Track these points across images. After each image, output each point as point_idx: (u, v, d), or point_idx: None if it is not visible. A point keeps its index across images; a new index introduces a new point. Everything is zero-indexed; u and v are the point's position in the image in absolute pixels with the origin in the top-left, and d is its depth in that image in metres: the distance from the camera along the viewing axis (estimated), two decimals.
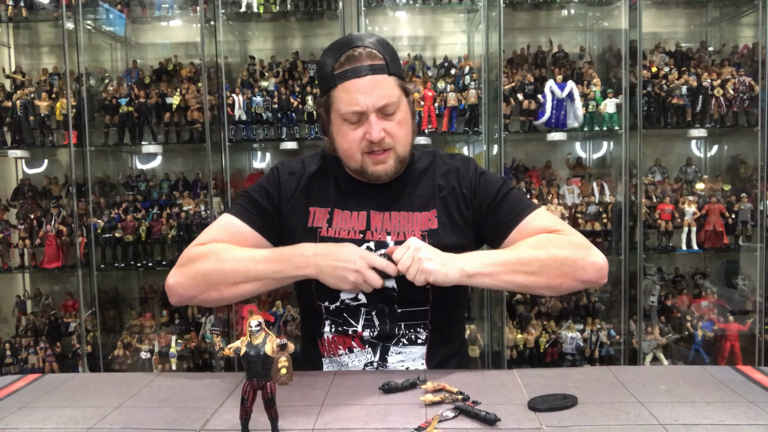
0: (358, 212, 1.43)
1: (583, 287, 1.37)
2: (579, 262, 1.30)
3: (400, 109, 1.36)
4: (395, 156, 1.38)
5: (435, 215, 1.42)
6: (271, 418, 0.98)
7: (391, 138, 1.35)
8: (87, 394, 1.23)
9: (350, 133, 1.35)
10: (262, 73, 3.15)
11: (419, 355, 1.41)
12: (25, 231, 3.05)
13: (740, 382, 1.21)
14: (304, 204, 1.45)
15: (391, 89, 1.33)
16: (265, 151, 3.47)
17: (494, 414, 1.03)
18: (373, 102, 1.31)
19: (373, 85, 1.31)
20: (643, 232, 2.93)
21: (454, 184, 1.45)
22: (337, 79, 1.33)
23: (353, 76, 1.31)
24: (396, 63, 1.37)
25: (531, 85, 3.01)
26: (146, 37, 3.47)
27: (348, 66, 1.31)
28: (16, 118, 3.02)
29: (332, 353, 1.42)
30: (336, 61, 1.33)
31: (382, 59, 1.33)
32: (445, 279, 1.24)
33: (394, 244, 1.38)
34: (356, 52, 1.32)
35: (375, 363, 1.40)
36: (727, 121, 3.00)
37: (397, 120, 1.35)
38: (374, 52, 1.32)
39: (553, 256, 1.29)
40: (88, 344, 3.05)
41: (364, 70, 1.31)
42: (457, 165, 1.49)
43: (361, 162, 1.38)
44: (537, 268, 1.28)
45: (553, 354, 3.00)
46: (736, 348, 2.92)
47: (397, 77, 1.35)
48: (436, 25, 3.45)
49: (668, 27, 3.34)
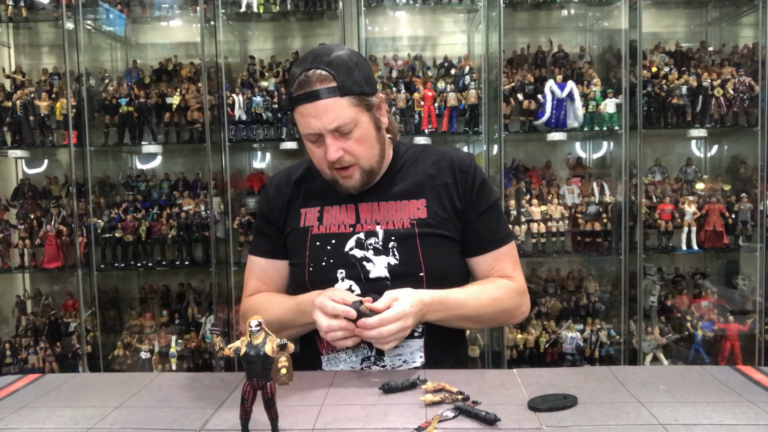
0: (346, 206, 1.47)
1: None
2: (515, 311, 1.49)
3: (358, 126, 1.36)
4: (360, 170, 1.41)
5: (424, 204, 1.44)
6: (271, 418, 0.98)
7: (350, 155, 1.38)
8: (87, 394, 1.23)
9: (315, 150, 1.41)
10: (262, 73, 3.15)
11: (417, 348, 1.41)
12: (25, 231, 3.05)
13: (740, 382, 1.21)
14: (294, 207, 1.51)
15: (342, 111, 1.33)
16: (265, 151, 3.47)
17: (494, 414, 1.03)
18: (324, 125, 1.34)
19: (324, 109, 1.33)
20: (643, 232, 2.93)
21: (447, 174, 1.47)
22: (294, 102, 1.37)
23: (306, 100, 1.33)
24: (353, 80, 1.34)
25: (531, 85, 3.01)
26: (146, 37, 3.47)
27: (301, 91, 1.34)
28: (16, 118, 3.02)
29: (330, 350, 1.43)
30: (293, 84, 1.36)
31: (333, 81, 1.32)
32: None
33: (383, 233, 1.41)
34: (306, 77, 1.33)
35: (372, 358, 1.40)
36: (727, 121, 3.00)
37: (355, 138, 1.37)
38: (324, 74, 1.32)
39: (499, 309, 1.44)
40: (88, 344, 3.05)
41: (314, 95, 1.32)
42: (451, 155, 1.50)
43: (331, 176, 1.43)
44: (483, 319, 1.45)
45: (553, 354, 3.00)
46: (736, 348, 2.92)
47: (352, 96, 1.34)
48: (436, 25, 3.45)
49: (668, 27, 3.34)
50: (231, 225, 3.04)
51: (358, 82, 1.35)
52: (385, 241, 1.41)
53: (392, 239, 1.40)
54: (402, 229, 1.41)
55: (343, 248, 1.42)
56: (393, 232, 1.41)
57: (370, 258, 1.40)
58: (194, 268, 3.14)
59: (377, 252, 1.41)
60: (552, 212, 2.99)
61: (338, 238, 1.43)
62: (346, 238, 1.43)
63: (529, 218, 2.98)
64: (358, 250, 1.41)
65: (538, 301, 3.10)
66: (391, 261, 1.40)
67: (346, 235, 1.43)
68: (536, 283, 3.16)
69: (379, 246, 1.41)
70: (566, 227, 3.03)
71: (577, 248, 3.07)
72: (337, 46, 1.38)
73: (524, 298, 1.50)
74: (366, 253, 1.41)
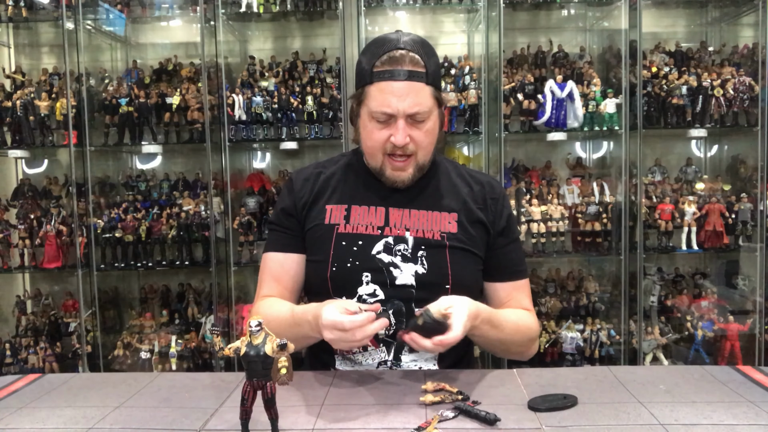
0: (376, 207, 1.44)
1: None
2: (531, 348, 1.49)
3: (429, 118, 1.37)
4: (415, 163, 1.40)
5: (455, 219, 1.44)
6: (271, 418, 0.98)
7: (414, 145, 1.37)
8: (87, 394, 1.23)
9: (376, 132, 1.37)
10: (262, 73, 3.15)
11: (431, 355, 1.41)
12: (25, 231, 3.05)
13: (740, 382, 1.21)
14: (320, 203, 1.47)
15: (425, 98, 1.34)
16: (265, 151, 3.47)
17: (494, 414, 1.03)
18: (405, 108, 1.32)
19: (408, 91, 1.31)
20: (643, 232, 2.93)
21: (478, 198, 1.48)
22: (375, 76, 1.33)
23: (390, 77, 1.32)
24: (436, 73, 1.37)
25: (531, 85, 3.00)
26: (146, 37, 3.47)
27: (388, 66, 1.32)
28: (16, 118, 3.02)
29: (346, 351, 1.42)
30: (377, 58, 1.33)
31: (423, 67, 1.33)
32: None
33: (413, 240, 1.39)
34: (399, 54, 1.32)
35: (389, 362, 1.40)
36: (727, 121, 3.00)
37: (424, 129, 1.36)
38: (417, 58, 1.32)
39: (527, 338, 1.45)
40: (88, 344, 3.05)
41: (403, 74, 1.31)
42: (483, 181, 1.51)
43: (381, 162, 1.40)
44: (507, 345, 1.43)
45: (553, 354, 3.00)
46: (736, 348, 2.92)
47: (433, 87, 1.36)
48: (436, 25, 3.45)
49: (668, 27, 3.34)
50: (231, 225, 3.04)
51: (438, 76, 1.39)
52: (415, 249, 1.39)
53: (422, 248, 1.39)
54: (432, 240, 1.40)
55: (370, 250, 1.39)
56: (423, 241, 1.40)
57: (397, 264, 1.38)
58: (194, 268, 3.14)
59: (405, 259, 1.39)
60: (552, 212, 2.99)
61: (365, 239, 1.40)
62: (373, 241, 1.40)
63: (529, 218, 2.98)
64: (386, 254, 1.39)
65: (538, 301, 3.09)
66: (419, 270, 1.38)
67: (373, 237, 1.40)
68: (536, 283, 3.16)
69: (408, 253, 1.39)
70: (566, 227, 3.02)
71: (577, 248, 3.07)
72: (416, 35, 1.39)
73: (535, 336, 1.50)
74: (394, 259, 1.39)
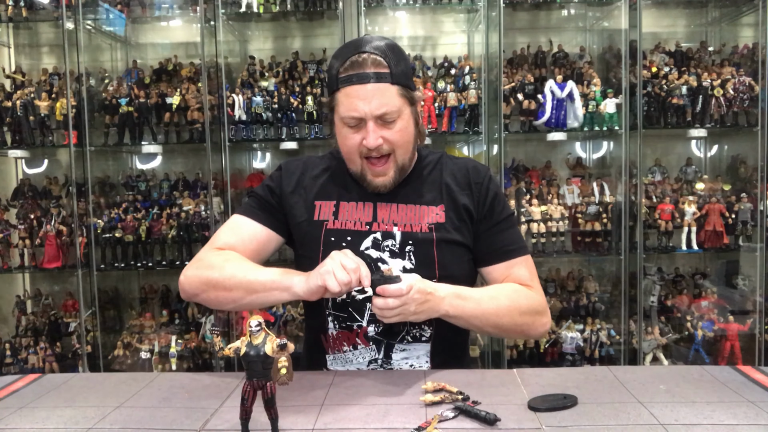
0: (364, 203, 1.45)
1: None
2: (536, 322, 1.42)
3: (401, 117, 1.36)
4: (395, 165, 1.40)
5: (443, 210, 1.44)
6: (271, 418, 0.98)
7: (389, 145, 1.37)
8: (87, 394, 1.23)
9: (349, 136, 1.37)
10: (262, 73, 3.15)
11: (423, 353, 1.41)
12: (25, 231, 3.05)
13: (740, 382, 1.21)
14: (308, 198, 1.47)
15: (391, 98, 1.33)
16: (265, 151, 3.47)
17: (494, 414, 1.03)
18: (372, 110, 1.32)
19: (373, 93, 1.32)
20: (643, 232, 2.93)
21: (462, 184, 1.47)
22: (341, 82, 1.34)
23: (356, 81, 1.32)
24: (402, 71, 1.36)
25: (531, 85, 3.01)
26: (146, 37, 3.47)
27: (352, 71, 1.32)
28: (16, 118, 3.02)
29: (336, 350, 1.43)
30: (342, 64, 1.34)
31: (387, 67, 1.33)
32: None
33: (401, 235, 1.40)
34: (361, 58, 1.32)
35: (379, 360, 1.40)
36: (727, 121, 3.00)
37: (396, 128, 1.36)
38: (379, 59, 1.33)
39: (517, 312, 1.38)
40: (88, 344, 3.05)
41: (366, 77, 1.31)
42: (467, 167, 1.50)
43: (360, 167, 1.40)
44: (503, 324, 1.37)
45: (553, 354, 3.00)
46: (736, 348, 2.92)
47: (400, 86, 1.35)
48: (436, 25, 3.45)
49: (668, 27, 3.34)
50: None
51: (407, 75, 1.37)
52: (402, 245, 1.40)
53: (409, 243, 1.40)
54: (420, 233, 1.41)
55: (358, 247, 1.40)
56: (411, 236, 1.40)
57: (385, 260, 1.39)
58: None
59: (393, 255, 1.40)
60: (552, 212, 2.99)
61: (354, 235, 1.41)
62: (362, 236, 1.41)
63: (529, 218, 2.98)
64: (374, 250, 1.40)
65: None
66: (407, 265, 1.39)
67: (362, 233, 1.41)
68: None
69: (395, 249, 1.40)
70: (566, 227, 3.02)
71: (577, 248, 3.07)
72: (383, 37, 1.39)
73: (545, 311, 1.45)
74: (382, 255, 1.40)
